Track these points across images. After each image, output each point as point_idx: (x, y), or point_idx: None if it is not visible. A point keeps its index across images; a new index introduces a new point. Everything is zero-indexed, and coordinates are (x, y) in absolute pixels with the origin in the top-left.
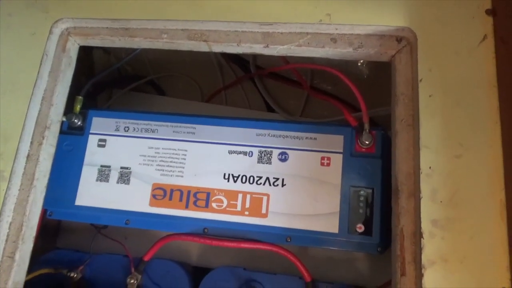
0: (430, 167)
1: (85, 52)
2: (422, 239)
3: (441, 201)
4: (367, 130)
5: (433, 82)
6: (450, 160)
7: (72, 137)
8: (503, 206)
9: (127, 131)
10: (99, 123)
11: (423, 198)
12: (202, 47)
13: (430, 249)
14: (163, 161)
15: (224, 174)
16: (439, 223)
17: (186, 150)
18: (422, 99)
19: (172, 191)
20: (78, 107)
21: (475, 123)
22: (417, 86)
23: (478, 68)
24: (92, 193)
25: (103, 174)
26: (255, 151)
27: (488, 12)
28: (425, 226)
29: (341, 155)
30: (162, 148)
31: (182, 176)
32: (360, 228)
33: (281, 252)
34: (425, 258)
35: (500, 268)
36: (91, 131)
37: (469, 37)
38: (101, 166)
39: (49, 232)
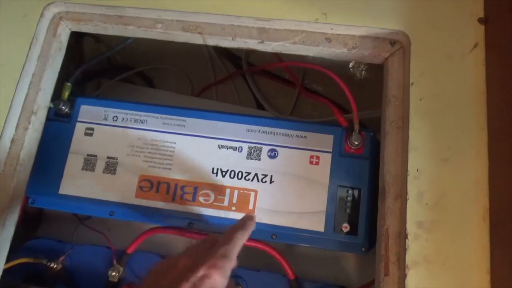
0: (417, 170)
1: (76, 40)
2: (406, 240)
3: (426, 204)
4: (357, 131)
5: (424, 86)
6: (438, 163)
7: (59, 124)
8: (486, 211)
9: (116, 120)
10: (87, 111)
11: (409, 199)
12: (197, 39)
13: (414, 250)
14: (151, 152)
15: (213, 169)
16: (424, 225)
17: (175, 143)
18: (412, 102)
19: (159, 183)
20: (66, 94)
21: (463, 128)
22: (408, 89)
23: (468, 74)
24: (77, 182)
25: (89, 163)
26: (245, 146)
27: (480, 20)
28: (410, 227)
29: (330, 155)
30: (151, 140)
31: (170, 169)
32: (346, 227)
33: (266, 249)
34: (409, 258)
35: (481, 271)
36: (78, 119)
37: (461, 44)
38: (88, 155)
39: (31, 220)
